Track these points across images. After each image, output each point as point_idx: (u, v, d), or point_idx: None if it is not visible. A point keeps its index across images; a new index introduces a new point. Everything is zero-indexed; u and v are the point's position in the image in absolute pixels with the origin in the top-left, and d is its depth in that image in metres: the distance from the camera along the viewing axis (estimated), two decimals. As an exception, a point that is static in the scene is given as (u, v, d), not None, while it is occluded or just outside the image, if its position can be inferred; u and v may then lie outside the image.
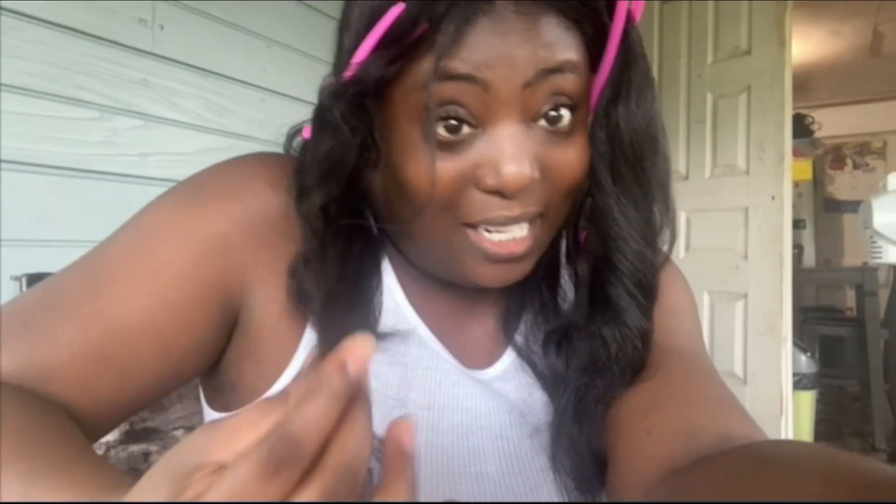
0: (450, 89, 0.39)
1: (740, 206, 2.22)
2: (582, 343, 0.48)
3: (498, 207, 0.41)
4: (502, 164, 0.39)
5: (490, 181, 0.40)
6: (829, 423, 3.56)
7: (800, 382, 2.29)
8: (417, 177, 0.41)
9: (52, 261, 1.08)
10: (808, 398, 2.43)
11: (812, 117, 4.70)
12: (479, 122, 0.40)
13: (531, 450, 0.49)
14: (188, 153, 1.41)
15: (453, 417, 0.48)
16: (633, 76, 0.44)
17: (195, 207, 0.45)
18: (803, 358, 2.41)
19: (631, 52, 0.44)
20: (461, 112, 0.40)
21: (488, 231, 0.42)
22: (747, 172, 2.22)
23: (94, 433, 0.43)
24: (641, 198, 0.46)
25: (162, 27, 1.35)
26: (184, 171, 0.49)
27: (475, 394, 0.50)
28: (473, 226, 0.42)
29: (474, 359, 0.52)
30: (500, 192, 0.40)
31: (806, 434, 2.43)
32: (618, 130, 0.45)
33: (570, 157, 0.42)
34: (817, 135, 4.83)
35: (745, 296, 2.20)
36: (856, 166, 5.43)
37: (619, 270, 0.47)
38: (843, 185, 5.44)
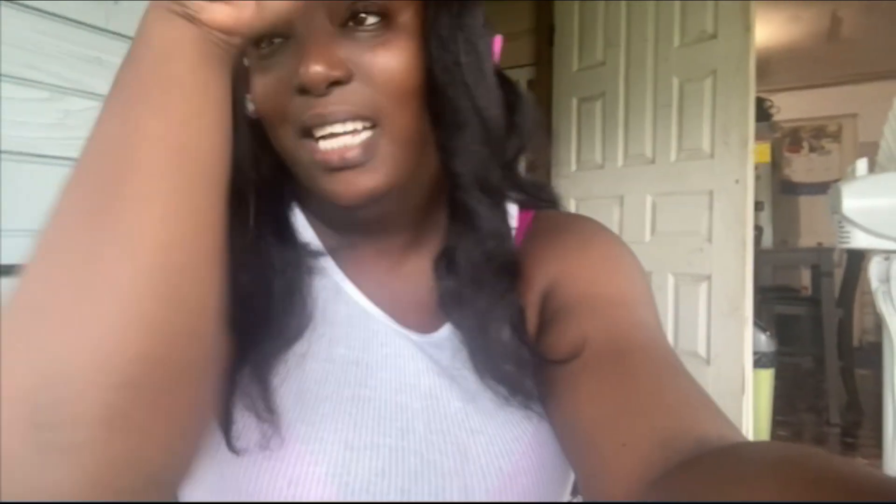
0: None
1: (705, 190, 2.26)
2: (460, 261, 0.51)
3: (313, 106, 0.43)
4: (302, 63, 0.42)
5: (295, 83, 0.43)
6: (785, 398, 3.69)
7: (759, 361, 2.36)
8: (256, 95, 0.46)
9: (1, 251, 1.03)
10: (768, 376, 2.51)
11: (771, 101, 4.80)
12: (288, 31, 0.44)
13: (461, 412, 0.49)
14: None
15: (382, 374, 0.49)
16: None
17: None
18: (763, 337, 2.49)
19: None
20: (277, 28, 0.42)
21: (322, 139, 0.44)
22: (712, 156, 2.24)
23: None
24: (464, 99, 0.47)
25: (116, 2, 1.29)
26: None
27: (405, 354, 0.51)
28: (307, 135, 0.45)
29: (409, 319, 0.53)
30: (307, 92, 0.43)
31: (765, 411, 2.51)
32: (439, 34, 0.47)
33: (388, 60, 0.44)
34: (775, 118, 4.94)
35: (709, 277, 2.24)
36: (812, 149, 5.58)
37: (462, 175, 0.49)
38: (799, 167, 5.59)
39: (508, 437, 0.49)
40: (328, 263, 0.53)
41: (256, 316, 0.47)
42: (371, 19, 0.44)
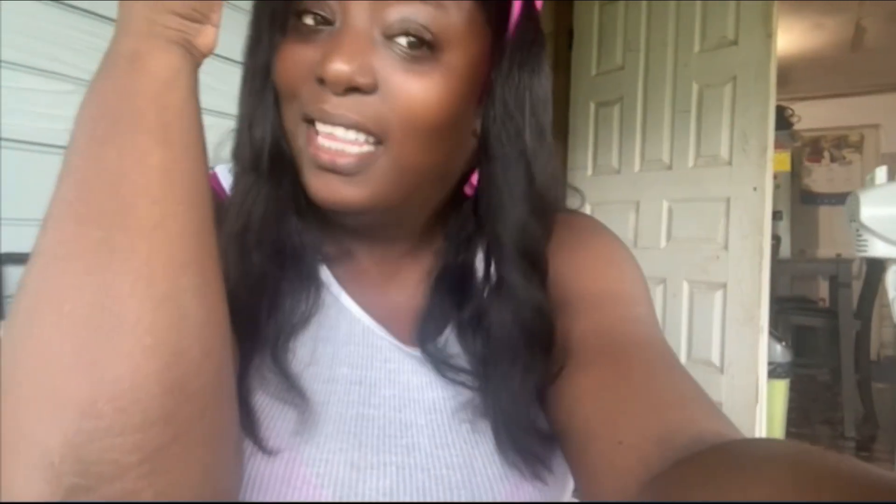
0: None
1: (722, 197, 2.24)
2: (493, 330, 0.48)
3: (323, 100, 0.42)
4: (331, 55, 0.41)
5: (318, 70, 0.42)
6: (800, 410, 3.64)
7: (774, 371, 2.33)
8: (279, 59, 0.44)
9: (26, 240, 1.04)
10: (782, 387, 2.48)
11: (792, 109, 4.75)
12: (336, 20, 0.43)
13: (465, 422, 0.49)
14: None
15: (385, 391, 0.49)
16: (516, 48, 0.46)
17: None
18: (778, 347, 2.45)
19: (526, 30, 0.46)
20: (323, 7, 0.43)
21: (319, 133, 0.43)
22: (730, 163, 2.23)
23: None
24: (520, 166, 0.47)
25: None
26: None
27: (407, 368, 0.50)
28: (310, 121, 0.44)
29: (407, 331, 0.52)
30: (324, 83, 0.42)
31: (779, 422, 2.48)
32: (499, 98, 0.46)
33: (416, 88, 0.43)
34: (796, 127, 4.89)
35: (725, 286, 2.22)
36: (833, 159, 5.50)
37: (505, 244, 0.47)
38: (819, 177, 5.52)
39: None
40: (326, 275, 0.51)
41: (261, 304, 0.46)
42: (419, 44, 0.42)
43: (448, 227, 0.54)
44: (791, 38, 4.18)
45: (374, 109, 0.42)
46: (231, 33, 0.54)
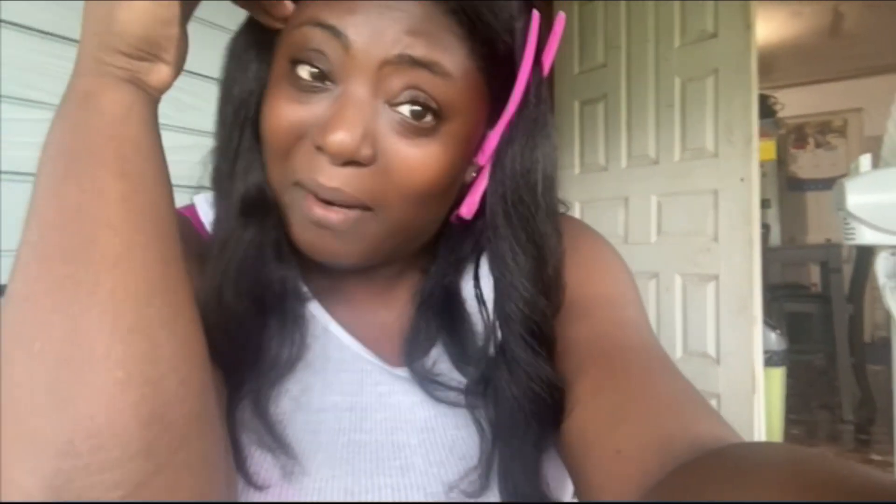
0: (317, 36, 0.40)
1: (710, 189, 2.25)
2: (500, 402, 0.47)
3: (319, 171, 0.41)
4: (334, 124, 0.39)
5: (318, 137, 0.40)
6: (798, 397, 3.66)
7: (770, 359, 2.34)
8: (271, 115, 0.42)
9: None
10: (779, 374, 2.49)
11: (775, 97, 4.78)
12: (338, 81, 0.41)
13: (458, 439, 0.49)
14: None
15: (377, 415, 0.49)
16: (520, 122, 0.45)
17: None
18: (773, 335, 2.47)
19: (525, 98, 0.45)
20: (324, 63, 0.41)
21: (311, 195, 0.42)
22: (716, 155, 2.24)
23: None
24: (529, 246, 0.46)
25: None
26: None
27: (398, 390, 0.50)
28: (300, 185, 0.42)
29: (396, 353, 0.52)
30: (324, 153, 0.40)
31: (777, 410, 2.49)
32: (505, 175, 0.46)
33: (415, 157, 0.42)
34: (780, 115, 4.92)
35: (717, 277, 2.23)
36: (818, 145, 5.54)
37: (513, 319, 0.47)
38: (805, 163, 5.56)
39: None
40: (315, 308, 0.51)
41: (245, 351, 0.45)
42: (422, 113, 0.41)
43: (439, 248, 0.53)
44: (770, 27, 4.21)
45: (370, 182, 0.41)
46: (210, 49, 0.54)
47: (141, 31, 0.34)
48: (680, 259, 2.32)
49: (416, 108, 0.41)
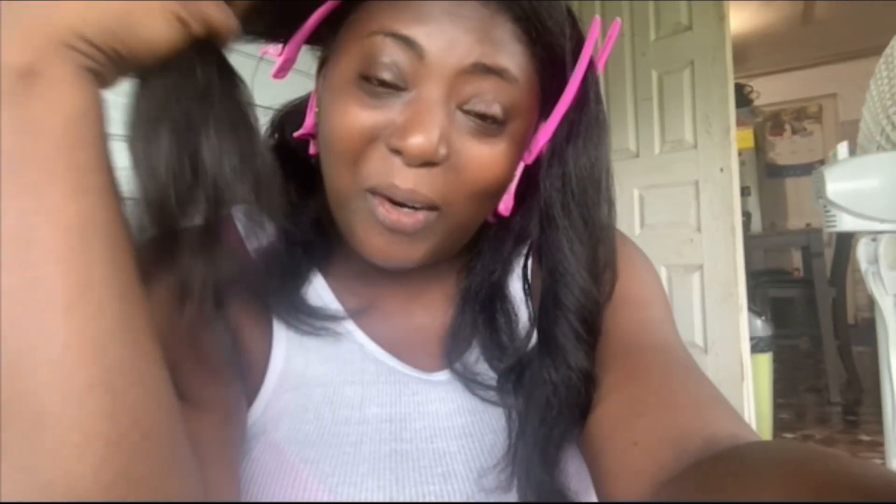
0: (389, 46, 0.40)
1: (690, 180, 2.27)
2: (535, 389, 0.48)
3: (395, 174, 0.41)
4: (412, 127, 0.40)
5: (395, 140, 0.40)
6: (785, 381, 3.70)
7: (757, 346, 2.36)
8: (340, 121, 0.42)
9: None
10: (766, 360, 2.52)
11: (751, 86, 4.84)
12: (410, 86, 0.41)
13: (496, 444, 0.49)
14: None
15: (415, 424, 0.49)
16: (583, 119, 0.47)
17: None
18: (758, 322, 2.49)
19: (585, 97, 0.47)
20: (396, 71, 0.41)
21: (384, 203, 0.43)
22: (695, 146, 2.26)
23: None
24: (587, 236, 0.47)
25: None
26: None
27: (434, 398, 0.51)
28: (372, 192, 0.42)
29: (427, 362, 0.52)
30: (401, 155, 0.41)
31: (765, 395, 2.51)
32: (566, 169, 0.47)
33: (485, 156, 0.43)
34: (756, 103, 4.98)
35: (701, 267, 2.25)
36: (794, 132, 5.61)
37: (566, 307, 0.47)
38: (783, 150, 5.62)
39: None
40: (350, 326, 0.52)
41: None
42: (494, 118, 0.43)
43: (478, 247, 0.54)
44: (743, 17, 4.25)
45: (441, 181, 0.42)
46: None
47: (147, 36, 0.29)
48: (664, 251, 2.34)
49: (484, 110, 0.42)
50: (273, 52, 0.47)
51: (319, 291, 0.52)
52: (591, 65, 0.47)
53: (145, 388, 0.29)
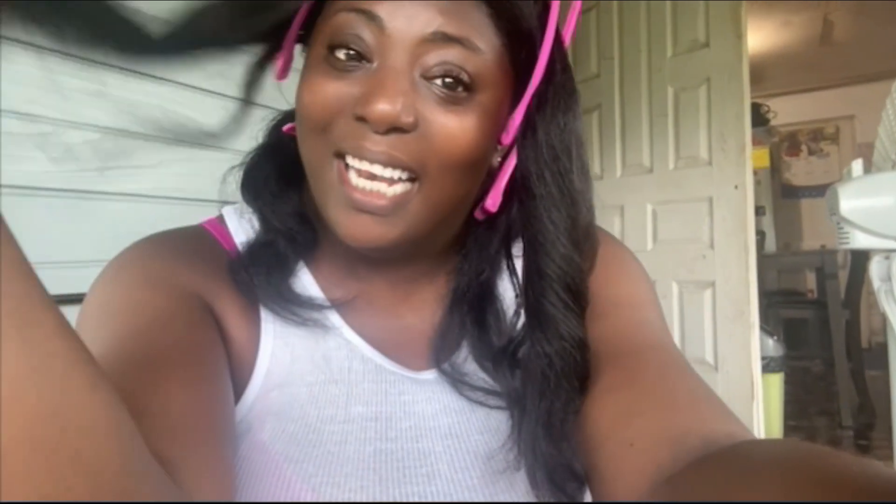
0: (353, 20, 0.42)
1: (704, 197, 2.26)
2: (530, 364, 0.48)
3: (363, 137, 0.42)
4: (374, 94, 0.41)
5: (360, 108, 0.41)
6: (797, 403, 3.65)
7: (768, 366, 2.34)
8: (308, 92, 0.44)
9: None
10: (777, 380, 2.49)
11: (767, 106, 4.82)
12: (374, 58, 0.43)
13: (481, 444, 0.50)
14: (146, 166, 1.37)
15: (401, 423, 0.49)
16: (551, 89, 0.47)
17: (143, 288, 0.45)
18: (770, 341, 2.47)
19: (553, 66, 0.47)
20: (360, 45, 0.42)
21: (353, 169, 0.43)
22: (710, 163, 2.25)
23: None
24: (563, 203, 0.47)
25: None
26: (142, 186, 0.49)
27: (421, 398, 0.51)
28: (342, 155, 0.43)
29: (420, 357, 0.53)
30: (367, 123, 0.41)
31: (776, 416, 2.49)
32: (537, 138, 0.47)
33: (453, 125, 0.43)
34: (773, 123, 4.96)
35: (713, 284, 2.24)
36: (811, 152, 5.58)
37: (549, 276, 0.47)
38: (799, 171, 5.59)
39: None
40: (336, 319, 0.52)
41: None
42: (455, 85, 0.43)
43: (466, 247, 0.54)
44: (761, 36, 4.25)
45: (413, 147, 0.43)
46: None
47: None
48: (676, 266, 2.33)
49: (450, 80, 0.43)
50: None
51: (305, 284, 0.52)
52: (558, 35, 0.47)
53: (104, 452, 0.23)
